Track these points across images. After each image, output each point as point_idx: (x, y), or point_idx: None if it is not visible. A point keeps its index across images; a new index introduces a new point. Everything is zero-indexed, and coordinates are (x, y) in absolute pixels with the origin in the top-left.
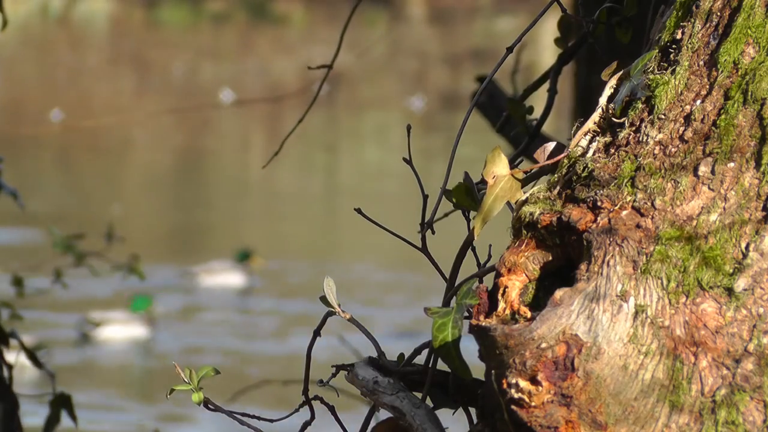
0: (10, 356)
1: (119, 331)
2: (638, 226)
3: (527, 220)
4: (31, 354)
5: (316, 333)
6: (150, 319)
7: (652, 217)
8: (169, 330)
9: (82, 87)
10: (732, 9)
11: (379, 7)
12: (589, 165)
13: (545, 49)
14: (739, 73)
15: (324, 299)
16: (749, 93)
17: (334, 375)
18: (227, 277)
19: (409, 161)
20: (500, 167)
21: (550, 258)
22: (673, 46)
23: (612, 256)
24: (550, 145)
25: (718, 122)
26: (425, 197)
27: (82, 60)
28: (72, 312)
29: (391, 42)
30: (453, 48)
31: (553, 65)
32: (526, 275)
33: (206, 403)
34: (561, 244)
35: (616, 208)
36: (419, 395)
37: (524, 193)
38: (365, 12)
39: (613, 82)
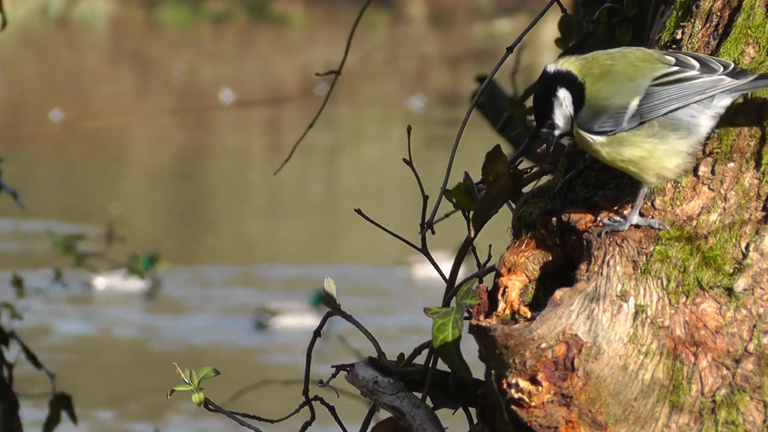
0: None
1: (294, 321)
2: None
3: (527, 220)
4: (31, 354)
5: (317, 333)
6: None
7: (653, 217)
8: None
9: (82, 87)
10: (732, 9)
11: (380, 8)
12: (589, 165)
13: (545, 50)
14: None
15: (324, 299)
16: (749, 93)
17: (334, 375)
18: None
19: (409, 162)
20: (500, 165)
21: (550, 258)
22: (673, 46)
23: (612, 256)
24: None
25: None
26: (425, 198)
27: (82, 60)
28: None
29: (391, 42)
30: (453, 48)
31: None
32: (526, 275)
33: (206, 403)
34: (561, 244)
35: (616, 208)
36: (419, 395)
37: (524, 193)
38: (365, 12)
39: None
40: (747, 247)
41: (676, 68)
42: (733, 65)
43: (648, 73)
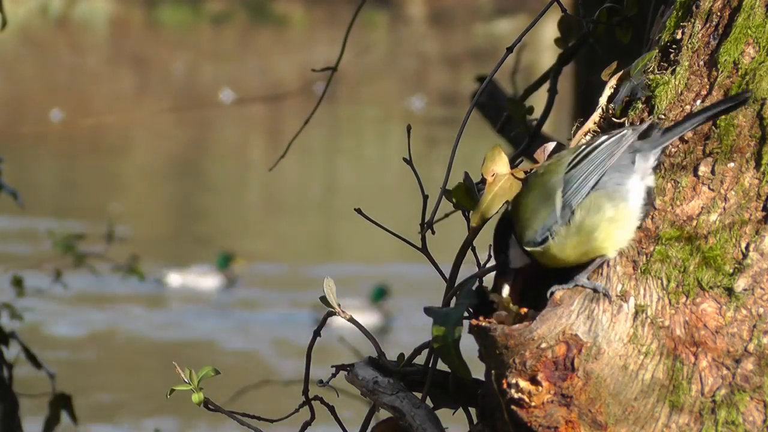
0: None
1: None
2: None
3: None
4: (31, 354)
5: (316, 333)
6: (385, 309)
7: (652, 217)
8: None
9: (82, 87)
10: (732, 9)
11: (380, 8)
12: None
13: (545, 50)
14: (739, 73)
15: (324, 299)
16: (752, 93)
17: (334, 375)
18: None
19: (409, 161)
20: (500, 166)
21: None
22: (673, 46)
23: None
24: (550, 145)
25: (718, 122)
26: (425, 197)
27: (82, 60)
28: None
29: (391, 42)
30: (453, 48)
31: (554, 65)
32: (526, 275)
33: (206, 403)
34: None
35: None
36: (419, 395)
37: None
38: (365, 12)
39: (613, 82)
40: (747, 247)
41: (583, 146)
42: (648, 123)
43: (560, 168)
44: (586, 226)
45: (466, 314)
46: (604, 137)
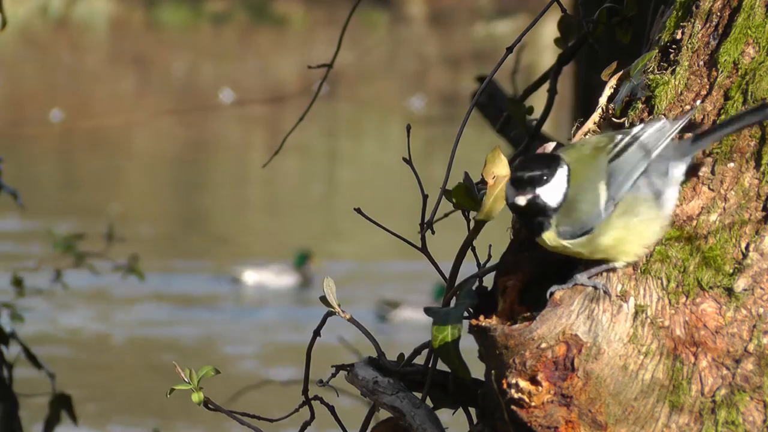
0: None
1: (415, 315)
2: None
3: None
4: (31, 354)
5: (316, 333)
6: None
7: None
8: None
9: (82, 87)
10: (732, 9)
11: (380, 8)
12: None
13: (545, 50)
14: (739, 73)
15: (324, 299)
16: (749, 93)
17: (334, 375)
18: None
19: (408, 161)
20: (500, 168)
21: (550, 257)
22: (673, 46)
23: None
24: (550, 146)
25: (718, 122)
26: (425, 197)
27: (82, 60)
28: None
29: (391, 42)
30: (453, 48)
31: (553, 65)
32: (526, 275)
33: (206, 403)
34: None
35: None
36: (419, 395)
37: None
38: (365, 12)
39: (613, 82)
40: (747, 247)
41: (620, 136)
42: (686, 117)
43: (602, 153)
44: (620, 228)
45: (466, 314)
46: (641, 126)
